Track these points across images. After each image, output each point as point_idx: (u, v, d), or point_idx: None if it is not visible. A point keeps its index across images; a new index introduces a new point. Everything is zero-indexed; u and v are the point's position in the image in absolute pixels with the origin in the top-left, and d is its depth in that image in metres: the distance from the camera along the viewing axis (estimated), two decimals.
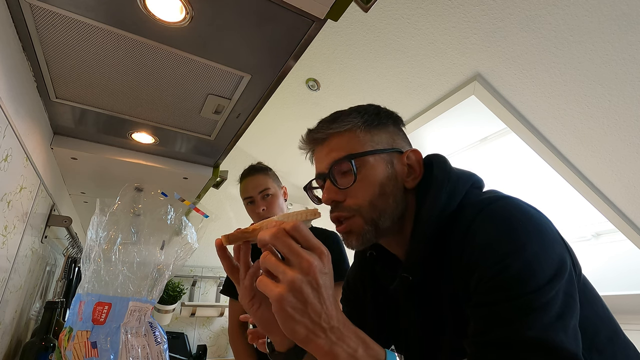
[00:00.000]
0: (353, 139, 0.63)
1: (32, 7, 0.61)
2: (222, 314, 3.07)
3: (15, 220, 0.87)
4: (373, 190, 0.60)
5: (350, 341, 0.42)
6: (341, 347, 0.42)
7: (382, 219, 0.60)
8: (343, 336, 0.42)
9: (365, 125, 0.64)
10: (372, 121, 0.64)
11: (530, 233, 0.49)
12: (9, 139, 0.74)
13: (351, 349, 0.42)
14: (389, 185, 0.61)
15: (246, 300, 0.52)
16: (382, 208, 0.60)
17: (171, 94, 0.86)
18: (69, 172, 1.24)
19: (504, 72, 1.33)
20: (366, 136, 0.63)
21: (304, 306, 0.40)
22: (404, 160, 0.64)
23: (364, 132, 0.63)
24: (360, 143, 0.62)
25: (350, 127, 0.63)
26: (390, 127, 0.66)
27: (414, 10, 1.24)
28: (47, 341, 1.05)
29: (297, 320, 0.40)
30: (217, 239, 0.51)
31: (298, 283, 0.40)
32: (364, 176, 0.61)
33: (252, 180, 1.36)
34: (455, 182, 0.60)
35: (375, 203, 0.60)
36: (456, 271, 0.53)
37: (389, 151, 0.63)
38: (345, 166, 0.61)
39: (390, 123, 0.67)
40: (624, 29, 1.06)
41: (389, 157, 0.63)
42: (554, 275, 0.46)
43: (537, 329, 0.43)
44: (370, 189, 0.60)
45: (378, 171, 0.61)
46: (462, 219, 0.55)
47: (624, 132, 1.28)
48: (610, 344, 0.55)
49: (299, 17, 0.61)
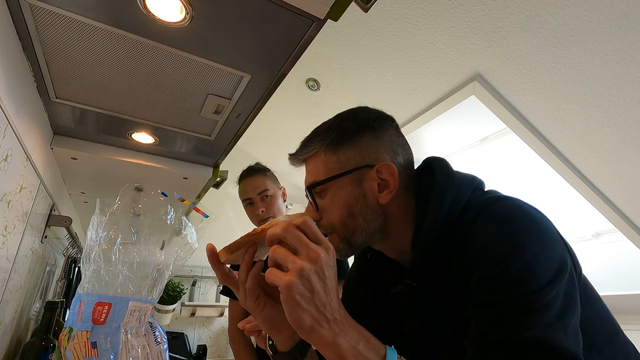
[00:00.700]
0: (319, 163, 0.63)
1: (32, 7, 0.61)
2: (222, 314, 3.07)
3: (15, 220, 0.87)
4: (341, 212, 0.61)
5: (352, 334, 0.44)
6: (344, 339, 0.43)
7: (355, 237, 0.61)
8: (345, 328, 0.44)
9: (332, 146, 0.62)
10: (339, 139, 0.62)
11: (531, 233, 0.49)
12: (9, 139, 0.74)
13: (353, 341, 0.44)
14: (356, 206, 0.60)
15: (251, 302, 0.52)
16: (352, 227, 0.61)
17: (171, 94, 0.86)
18: (69, 172, 1.24)
19: (504, 72, 1.33)
20: (331, 158, 0.62)
21: (311, 294, 0.42)
22: (374, 176, 0.60)
23: (329, 154, 0.62)
24: (325, 167, 0.62)
25: (316, 152, 0.64)
26: (365, 137, 0.62)
27: (414, 10, 1.24)
28: (47, 341, 1.05)
29: (304, 308, 0.42)
30: (208, 244, 0.51)
31: (307, 271, 0.42)
32: (331, 199, 0.62)
33: (251, 181, 1.36)
34: (458, 187, 0.59)
35: (346, 223, 0.61)
36: (457, 272, 0.53)
37: (355, 170, 0.61)
38: (315, 190, 0.63)
39: (366, 132, 0.62)
40: (624, 29, 1.06)
41: (356, 175, 0.61)
42: (554, 275, 0.46)
43: (538, 329, 0.43)
44: (337, 211, 0.61)
45: (343, 193, 0.61)
46: (463, 221, 0.55)
47: (624, 132, 1.28)
48: (610, 343, 0.55)
49: (299, 17, 0.61)
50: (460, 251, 0.53)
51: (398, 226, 0.62)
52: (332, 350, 0.43)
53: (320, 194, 0.63)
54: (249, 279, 0.51)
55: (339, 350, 0.43)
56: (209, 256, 0.51)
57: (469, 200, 0.59)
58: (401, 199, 0.62)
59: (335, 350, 0.43)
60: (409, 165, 0.65)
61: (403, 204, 0.62)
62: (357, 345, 0.43)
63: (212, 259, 0.51)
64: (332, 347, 0.43)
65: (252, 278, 0.51)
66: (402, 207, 0.62)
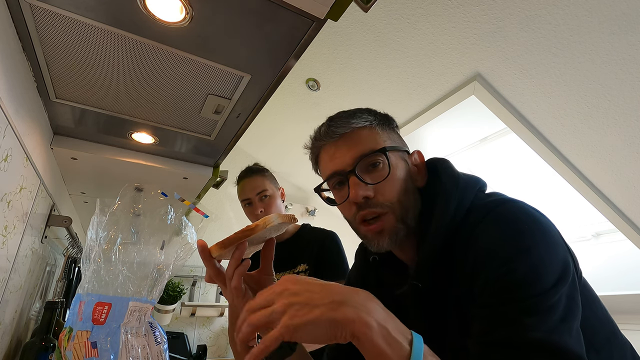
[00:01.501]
0: (374, 134, 0.62)
1: (32, 7, 0.61)
2: (222, 314, 3.06)
3: (15, 220, 0.87)
4: (399, 186, 0.59)
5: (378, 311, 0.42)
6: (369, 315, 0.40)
7: (409, 216, 0.59)
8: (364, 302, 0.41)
9: (380, 124, 0.64)
10: (383, 121, 0.65)
11: (536, 236, 0.50)
12: (9, 139, 0.74)
13: (380, 318, 0.40)
14: (409, 182, 0.61)
15: (238, 299, 0.52)
16: (407, 206, 0.59)
17: (171, 94, 0.86)
18: (69, 172, 1.24)
19: (504, 72, 1.33)
20: (384, 134, 0.63)
21: (304, 294, 0.41)
22: (413, 160, 0.64)
23: (381, 129, 0.63)
24: (381, 139, 0.62)
25: (369, 124, 0.63)
26: (395, 129, 0.67)
27: (414, 10, 1.24)
28: (47, 341, 1.05)
29: (309, 311, 0.39)
30: (199, 240, 0.51)
31: (281, 291, 0.41)
32: (389, 173, 0.59)
33: (250, 182, 1.35)
34: (463, 189, 0.59)
35: (402, 200, 0.59)
36: (461, 273, 0.53)
37: (402, 150, 0.64)
38: (372, 160, 0.59)
39: (394, 126, 0.67)
40: (624, 29, 1.06)
41: (403, 155, 0.64)
42: (558, 278, 0.47)
43: (542, 331, 0.43)
44: (397, 185, 0.59)
45: (400, 168, 0.61)
46: (467, 223, 0.55)
47: (624, 132, 1.28)
48: (607, 344, 0.55)
49: (299, 17, 0.61)
50: (465, 253, 0.53)
51: (418, 218, 0.62)
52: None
53: (373, 165, 0.59)
54: (234, 277, 0.51)
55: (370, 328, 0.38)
56: (200, 251, 0.51)
57: (473, 202, 0.59)
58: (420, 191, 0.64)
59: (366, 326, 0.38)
60: None
61: (420, 197, 0.63)
62: (385, 324, 0.39)
63: (203, 254, 0.51)
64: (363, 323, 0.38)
65: (237, 276, 0.51)
66: (420, 199, 0.63)
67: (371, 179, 0.59)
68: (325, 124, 0.64)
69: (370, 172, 0.59)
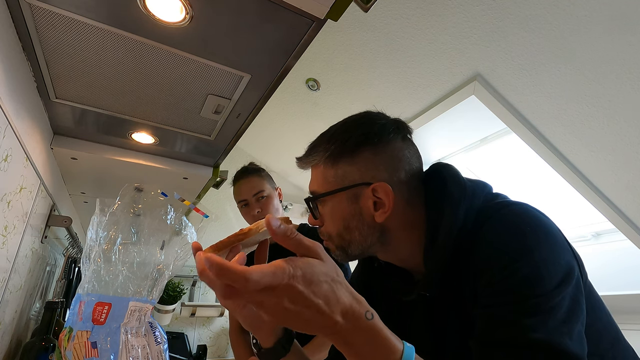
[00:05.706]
0: (319, 174, 0.64)
1: (32, 7, 0.61)
2: (222, 314, 3.06)
3: (15, 221, 0.87)
4: (338, 225, 0.62)
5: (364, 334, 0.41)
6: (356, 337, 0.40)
7: (351, 248, 0.62)
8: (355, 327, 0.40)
9: (331, 159, 0.62)
10: (338, 153, 0.61)
11: (540, 238, 0.50)
12: (9, 139, 0.74)
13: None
14: (352, 221, 0.61)
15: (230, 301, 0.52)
16: (348, 240, 0.61)
17: (171, 94, 0.86)
18: (69, 172, 1.24)
19: (504, 72, 1.33)
20: (330, 171, 0.62)
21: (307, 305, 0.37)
22: (370, 194, 0.59)
23: (328, 167, 0.62)
24: (324, 180, 0.62)
25: (316, 162, 0.64)
26: (364, 153, 0.61)
27: (414, 10, 1.24)
28: (47, 341, 1.05)
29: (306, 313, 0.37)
30: (194, 242, 0.50)
31: (278, 306, 0.36)
32: (329, 212, 0.62)
33: (246, 182, 1.33)
34: (471, 198, 0.58)
35: (342, 235, 0.62)
36: (465, 276, 0.54)
37: (352, 187, 0.60)
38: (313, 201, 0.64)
39: (366, 148, 0.61)
40: (624, 29, 1.06)
41: (353, 192, 0.60)
42: (561, 280, 0.47)
43: (543, 332, 0.43)
44: (334, 224, 0.62)
45: (340, 208, 0.61)
46: (473, 225, 0.55)
47: (624, 132, 1.28)
48: (612, 349, 0.56)
49: (299, 17, 0.61)
50: (469, 255, 0.53)
51: (399, 239, 0.62)
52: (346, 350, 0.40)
53: (319, 204, 0.64)
54: None
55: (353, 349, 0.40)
56: (194, 254, 0.51)
57: (480, 207, 0.58)
58: (401, 213, 0.60)
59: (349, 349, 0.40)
60: (414, 176, 0.63)
61: (403, 219, 0.61)
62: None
63: None
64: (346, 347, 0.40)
65: None
66: (403, 221, 0.61)
67: (317, 213, 0.65)
68: (297, 158, 0.68)
69: (319, 205, 0.65)
